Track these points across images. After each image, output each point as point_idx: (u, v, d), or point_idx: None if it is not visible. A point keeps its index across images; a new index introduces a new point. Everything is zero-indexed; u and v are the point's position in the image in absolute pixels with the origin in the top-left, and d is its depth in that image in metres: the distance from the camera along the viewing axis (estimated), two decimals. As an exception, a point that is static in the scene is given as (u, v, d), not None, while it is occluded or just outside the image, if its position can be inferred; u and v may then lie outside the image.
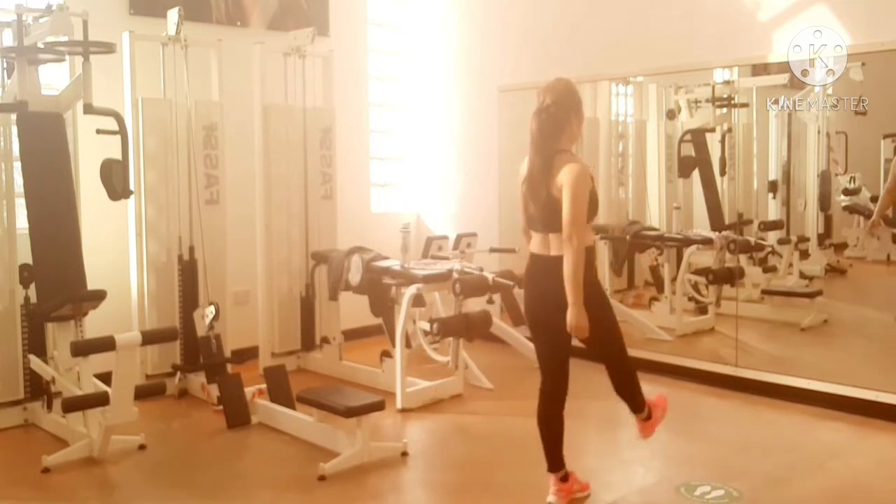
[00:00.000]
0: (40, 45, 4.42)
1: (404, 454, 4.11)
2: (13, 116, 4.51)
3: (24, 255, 4.52)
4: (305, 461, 3.98)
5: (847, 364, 5.02)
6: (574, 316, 3.19)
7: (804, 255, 5.69)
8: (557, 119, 3.26)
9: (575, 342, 3.38)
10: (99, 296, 4.37)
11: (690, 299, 5.94)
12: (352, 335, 6.06)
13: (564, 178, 3.18)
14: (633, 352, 5.62)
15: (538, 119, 3.27)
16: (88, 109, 4.35)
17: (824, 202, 5.57)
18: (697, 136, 5.94)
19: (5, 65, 4.60)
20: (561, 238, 3.21)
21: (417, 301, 5.05)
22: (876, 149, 5.16)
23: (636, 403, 3.61)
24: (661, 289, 6.04)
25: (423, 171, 7.36)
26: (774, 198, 5.77)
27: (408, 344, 5.15)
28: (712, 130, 5.82)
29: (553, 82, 3.34)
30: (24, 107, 4.38)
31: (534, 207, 3.32)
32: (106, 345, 3.85)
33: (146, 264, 5.14)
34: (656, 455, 4.25)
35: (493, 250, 6.19)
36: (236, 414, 4.56)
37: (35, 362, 4.46)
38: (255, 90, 5.65)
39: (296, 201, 5.85)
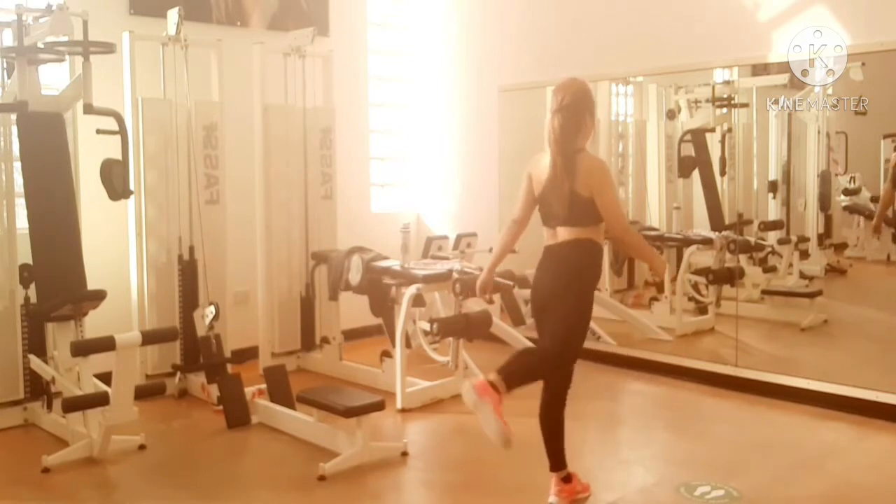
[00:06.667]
0: (40, 45, 4.41)
1: (404, 454, 4.11)
2: (13, 116, 4.51)
3: (24, 255, 4.52)
4: (305, 461, 3.98)
5: (847, 364, 5.01)
6: (656, 261, 3.53)
7: (804, 255, 5.68)
8: (576, 117, 3.27)
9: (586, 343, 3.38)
10: (99, 296, 4.38)
11: (690, 299, 5.94)
12: (352, 335, 6.06)
13: (597, 180, 3.22)
14: (633, 352, 5.78)
15: (559, 117, 3.26)
16: (88, 109, 4.35)
17: (824, 202, 5.56)
18: (697, 137, 5.94)
19: (5, 65, 4.59)
20: (570, 229, 3.26)
21: (417, 301, 5.04)
22: (876, 149, 5.16)
23: (554, 453, 3.41)
24: (661, 289, 6.03)
25: (423, 171, 7.35)
26: (774, 198, 5.77)
27: (408, 344, 5.14)
28: (712, 130, 5.81)
29: (568, 81, 3.34)
30: (24, 107, 4.38)
31: (554, 204, 3.30)
32: (106, 345, 3.85)
33: (146, 264, 5.13)
34: (656, 455, 4.25)
35: (493, 250, 6.17)
36: (236, 414, 4.56)
37: (35, 362, 4.46)
38: (255, 90, 5.65)
39: (296, 201, 5.84)
